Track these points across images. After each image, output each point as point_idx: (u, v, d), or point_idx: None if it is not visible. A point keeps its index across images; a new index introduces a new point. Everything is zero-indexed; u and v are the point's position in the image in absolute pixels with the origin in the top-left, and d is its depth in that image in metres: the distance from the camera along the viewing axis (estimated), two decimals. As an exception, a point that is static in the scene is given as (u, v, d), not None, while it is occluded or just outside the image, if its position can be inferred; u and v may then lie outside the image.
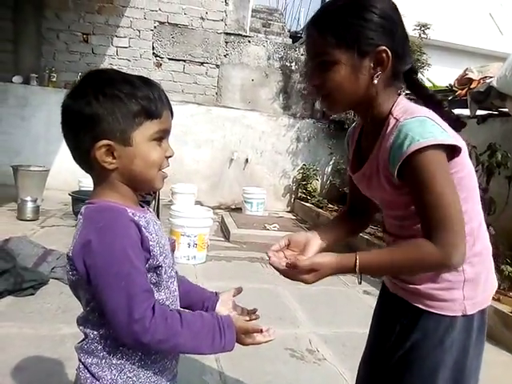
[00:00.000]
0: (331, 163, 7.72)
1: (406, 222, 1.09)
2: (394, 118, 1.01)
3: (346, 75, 1.00)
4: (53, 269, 3.12)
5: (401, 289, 1.13)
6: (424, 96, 1.12)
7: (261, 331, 0.94)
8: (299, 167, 7.56)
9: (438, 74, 6.39)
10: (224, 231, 5.43)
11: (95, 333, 0.90)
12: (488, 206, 3.80)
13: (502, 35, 8.35)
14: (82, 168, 0.94)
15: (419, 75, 1.15)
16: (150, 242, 0.89)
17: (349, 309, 3.28)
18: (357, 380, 1.31)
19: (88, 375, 0.91)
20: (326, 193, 7.62)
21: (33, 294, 2.78)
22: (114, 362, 0.90)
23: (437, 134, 0.94)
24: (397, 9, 1.04)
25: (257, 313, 1.12)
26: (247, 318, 1.08)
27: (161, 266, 0.92)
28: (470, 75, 3.36)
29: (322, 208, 6.81)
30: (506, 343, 2.81)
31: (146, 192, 0.99)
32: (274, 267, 1.08)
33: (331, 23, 0.99)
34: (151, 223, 0.94)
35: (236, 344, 0.92)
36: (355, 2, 1.01)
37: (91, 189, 3.61)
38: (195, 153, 7.31)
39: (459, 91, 3.46)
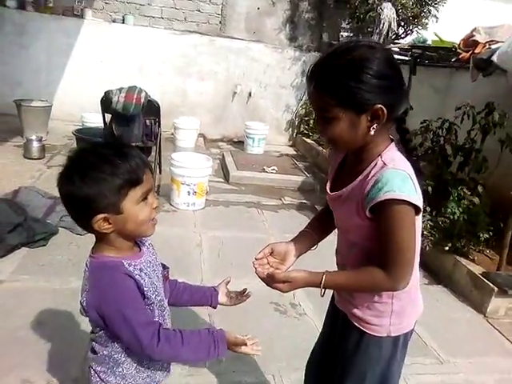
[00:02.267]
0: (335, 99, 7.62)
1: (354, 250, 1.27)
2: (382, 161, 1.13)
3: (344, 129, 1.11)
4: (61, 218, 3.36)
5: (346, 307, 1.35)
6: (403, 140, 1.24)
7: (246, 344, 1.18)
8: (303, 102, 7.49)
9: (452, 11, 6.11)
10: (224, 171, 5.60)
11: (104, 352, 1.15)
12: (480, 165, 3.92)
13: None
14: (85, 230, 1.09)
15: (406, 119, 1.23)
16: (144, 288, 1.09)
17: (333, 259, 3.55)
18: (311, 357, 1.61)
19: (98, 379, 1.17)
20: (329, 129, 7.62)
21: (44, 245, 3.05)
22: (117, 371, 1.15)
23: (411, 193, 1.08)
24: (392, 62, 1.11)
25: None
26: (244, 298, 1.38)
27: (153, 303, 1.13)
28: (477, 37, 3.22)
29: (322, 146, 6.88)
30: (473, 301, 3.10)
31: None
32: (257, 275, 1.28)
33: (330, 84, 1.07)
34: (145, 268, 1.12)
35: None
36: (352, 63, 1.06)
37: (94, 125, 3.88)
38: (198, 85, 7.22)
39: (463, 54, 3.36)
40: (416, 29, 6.56)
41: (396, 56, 5.19)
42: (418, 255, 1.23)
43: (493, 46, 3.07)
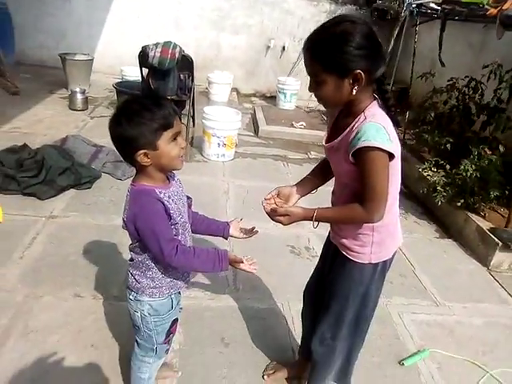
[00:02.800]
0: (370, 54, 7.53)
1: (345, 191, 1.52)
2: (365, 116, 1.36)
3: (331, 90, 1.35)
4: (104, 164, 3.74)
5: (336, 239, 1.61)
6: (383, 98, 1.44)
7: (241, 262, 1.49)
8: (337, 57, 7.45)
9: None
10: (254, 126, 5.82)
11: (139, 258, 1.47)
12: (504, 124, 3.95)
13: None
14: (129, 163, 1.38)
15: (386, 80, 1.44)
16: (171, 211, 1.39)
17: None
18: (307, 284, 1.92)
19: (133, 280, 1.51)
20: (361, 85, 7.60)
21: (90, 188, 3.45)
22: (148, 274, 1.48)
23: (384, 141, 1.30)
24: (370, 35, 1.30)
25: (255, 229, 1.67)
26: (250, 235, 1.67)
27: (177, 223, 1.43)
28: None
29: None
30: (478, 255, 3.30)
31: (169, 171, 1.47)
32: (264, 211, 1.57)
33: (319, 53, 1.30)
34: (173, 196, 1.41)
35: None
36: (336, 36, 1.28)
37: (133, 78, 4.37)
38: (232, 39, 7.32)
39: (491, 10, 3.31)
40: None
41: (430, 10, 5.10)
42: (396, 187, 1.47)
43: (521, 4, 3.02)
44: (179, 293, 1.61)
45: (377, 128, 1.30)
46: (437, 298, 2.78)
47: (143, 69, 4.69)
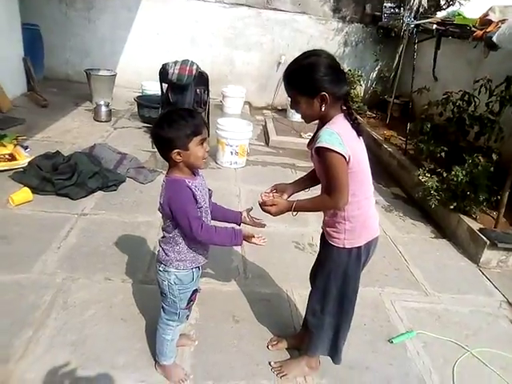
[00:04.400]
0: (376, 69, 7.91)
1: (322, 185, 1.85)
2: (328, 124, 1.70)
3: (305, 108, 1.71)
4: (127, 170, 4.13)
5: (323, 227, 1.95)
6: (347, 112, 1.75)
7: (253, 237, 1.83)
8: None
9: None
10: (265, 136, 6.19)
11: (169, 235, 1.81)
12: (496, 133, 4.25)
13: None
14: (164, 159, 1.73)
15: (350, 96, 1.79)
16: (197, 197, 1.73)
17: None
18: (311, 269, 2.23)
19: (163, 253, 1.84)
20: (368, 99, 7.95)
21: (115, 190, 3.83)
22: (175, 249, 1.82)
23: (335, 143, 1.61)
24: (332, 64, 1.64)
25: (264, 222, 2.02)
26: (260, 223, 2.00)
27: (202, 207, 1.77)
28: (491, 16, 3.47)
29: (360, 115, 7.26)
30: (469, 253, 3.58)
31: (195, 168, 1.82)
32: (258, 203, 1.91)
33: (293, 81, 1.68)
34: (198, 186, 1.75)
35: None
36: (304, 67, 1.64)
37: (152, 92, 5.18)
38: (245, 56, 7.75)
39: (477, 32, 3.62)
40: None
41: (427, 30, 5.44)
42: (365, 187, 1.80)
43: (502, 26, 3.32)
44: (199, 268, 1.94)
45: (330, 133, 1.63)
46: (427, 288, 3.07)
47: (163, 84, 5.10)
